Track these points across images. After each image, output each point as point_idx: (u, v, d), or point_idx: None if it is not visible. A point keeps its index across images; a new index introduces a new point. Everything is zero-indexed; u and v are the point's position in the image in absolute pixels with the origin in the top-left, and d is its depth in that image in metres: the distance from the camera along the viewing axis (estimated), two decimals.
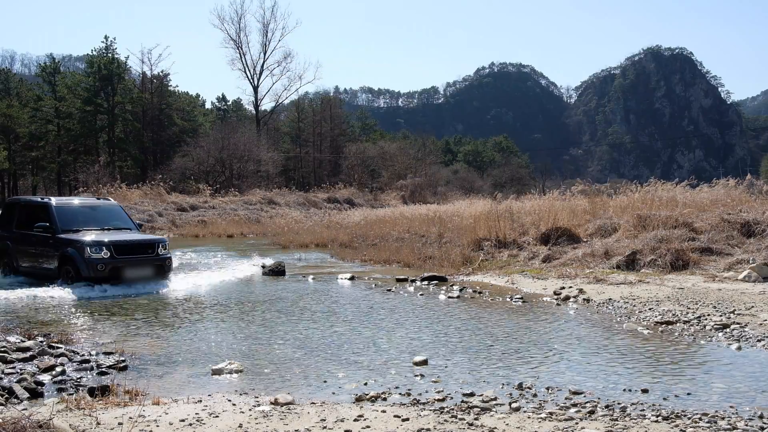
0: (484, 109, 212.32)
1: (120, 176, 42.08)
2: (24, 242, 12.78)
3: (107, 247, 11.50)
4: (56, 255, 11.87)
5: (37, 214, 12.65)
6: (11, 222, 13.33)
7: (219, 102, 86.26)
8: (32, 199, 13.99)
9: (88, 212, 13.11)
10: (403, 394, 5.25)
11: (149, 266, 11.92)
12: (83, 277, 11.34)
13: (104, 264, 11.35)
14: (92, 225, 12.57)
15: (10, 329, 7.53)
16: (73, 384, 5.60)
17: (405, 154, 61.13)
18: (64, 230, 12.05)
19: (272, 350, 7.03)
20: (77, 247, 11.54)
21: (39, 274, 12.35)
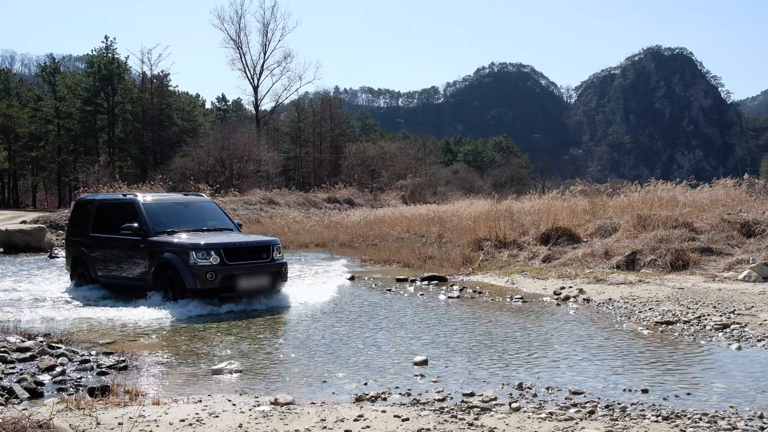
0: (484, 109, 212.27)
1: (120, 176, 42.06)
2: (104, 248, 10.94)
3: (217, 251, 9.39)
4: (150, 262, 9.92)
5: (119, 213, 10.81)
6: (85, 224, 11.44)
7: (219, 102, 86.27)
8: (112, 197, 12.11)
9: (181, 210, 11.21)
10: (403, 394, 5.25)
11: (265, 274, 9.82)
12: (188, 289, 9.29)
13: (214, 272, 9.25)
14: (188, 225, 10.60)
15: (8, 330, 7.53)
16: (73, 384, 5.60)
17: (405, 154, 61.10)
18: (157, 232, 10.04)
19: (273, 350, 7.03)
20: (179, 251, 9.52)
21: (125, 284, 10.47)
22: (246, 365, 6.27)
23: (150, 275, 9.87)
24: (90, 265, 11.14)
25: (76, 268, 11.55)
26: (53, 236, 21.94)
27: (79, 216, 11.96)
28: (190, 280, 9.30)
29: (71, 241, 11.87)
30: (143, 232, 10.12)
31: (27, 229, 20.07)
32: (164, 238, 9.96)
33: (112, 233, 10.66)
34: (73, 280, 11.65)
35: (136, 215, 10.40)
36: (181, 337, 7.71)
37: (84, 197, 12.98)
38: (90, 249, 11.20)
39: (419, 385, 5.53)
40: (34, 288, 11.74)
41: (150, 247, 9.97)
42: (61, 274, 13.35)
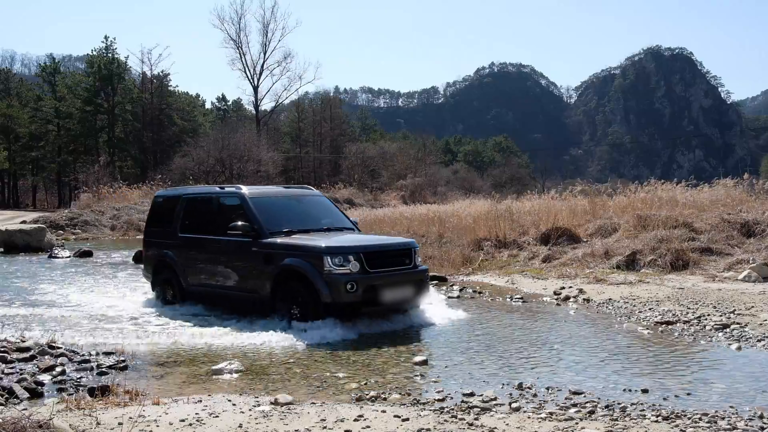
0: (484, 109, 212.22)
1: (120, 176, 42.11)
2: (198, 251, 9.14)
3: (356, 255, 7.62)
4: (266, 270, 8.03)
5: (217, 210, 9.20)
6: (170, 223, 9.65)
7: (219, 102, 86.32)
8: (206, 190, 10.22)
9: (294, 206, 9.41)
10: (403, 394, 5.25)
11: (410, 283, 8.07)
12: (323, 303, 7.52)
13: (354, 283, 7.45)
14: (303, 224, 8.84)
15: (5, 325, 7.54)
16: (73, 384, 5.60)
17: (405, 154, 61.11)
18: (272, 232, 8.24)
19: (273, 349, 7.02)
20: (308, 256, 7.71)
21: (229, 296, 8.72)
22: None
23: (267, 286, 7.99)
24: (179, 272, 9.31)
25: (159, 274, 9.79)
26: (53, 236, 21.95)
27: (161, 213, 10.15)
28: (325, 292, 7.44)
29: (151, 242, 10.10)
30: (255, 232, 8.22)
31: (27, 229, 20.07)
32: (283, 239, 8.13)
33: (210, 233, 8.93)
34: (155, 289, 9.93)
35: (242, 212, 8.53)
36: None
37: (169, 192, 11.35)
38: (178, 253, 9.37)
39: (419, 385, 5.53)
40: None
41: (266, 250, 8.06)
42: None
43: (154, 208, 10.49)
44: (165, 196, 10.61)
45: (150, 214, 10.60)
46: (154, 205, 10.54)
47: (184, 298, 9.31)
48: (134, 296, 10.54)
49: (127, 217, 28.60)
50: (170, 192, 11.17)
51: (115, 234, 26.78)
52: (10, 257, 17.70)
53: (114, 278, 13.18)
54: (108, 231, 27.07)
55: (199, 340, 7.26)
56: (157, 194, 10.92)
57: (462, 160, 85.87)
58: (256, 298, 8.20)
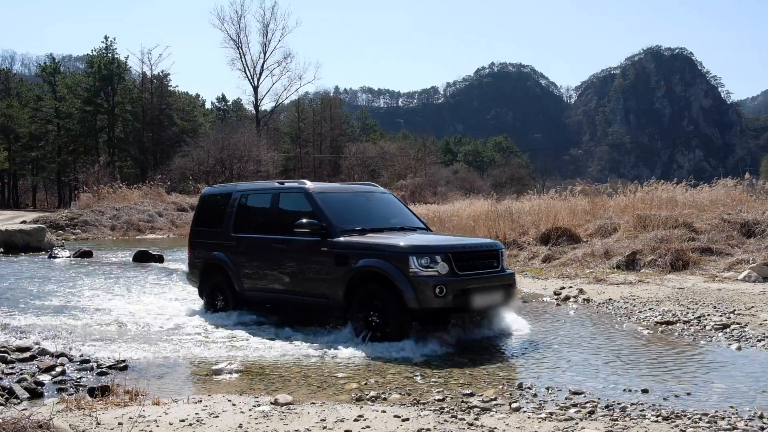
0: (484, 109, 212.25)
1: (120, 176, 42.12)
2: (257, 252, 8.36)
3: (444, 256, 6.87)
4: (340, 272, 7.25)
5: (277, 207, 8.39)
6: (221, 221, 8.91)
7: (219, 102, 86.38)
8: (263, 185, 9.24)
9: (363, 203, 8.70)
10: (403, 394, 5.25)
11: (499, 289, 7.33)
12: (408, 309, 6.74)
13: (443, 286, 6.68)
14: (376, 222, 8.10)
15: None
16: (73, 384, 5.60)
17: (405, 154, 61.17)
18: (343, 231, 7.53)
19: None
20: (389, 257, 6.94)
21: (294, 302, 7.99)
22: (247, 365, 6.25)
23: (339, 290, 7.21)
24: (233, 275, 8.52)
25: (209, 279, 8.95)
26: (53, 236, 21.95)
27: (209, 211, 9.43)
28: (411, 297, 6.66)
29: (198, 244, 9.34)
30: (324, 230, 7.48)
31: (27, 229, 20.08)
32: (357, 238, 7.40)
33: (270, 233, 8.20)
34: (203, 295, 9.13)
35: (307, 209, 7.83)
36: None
37: (215, 188, 10.53)
38: (232, 254, 8.60)
39: (419, 385, 5.53)
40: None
41: (338, 251, 7.33)
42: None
43: (201, 207, 9.75)
44: (214, 193, 9.90)
45: (197, 212, 9.84)
46: (202, 203, 9.77)
47: (237, 304, 8.53)
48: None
49: (127, 217, 28.62)
50: (220, 189, 10.30)
51: (115, 234, 26.78)
52: (11, 257, 17.70)
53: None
54: (108, 231, 27.07)
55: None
56: (204, 191, 10.10)
57: (462, 160, 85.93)
58: (326, 304, 7.46)
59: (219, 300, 8.79)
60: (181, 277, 12.29)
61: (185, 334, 7.71)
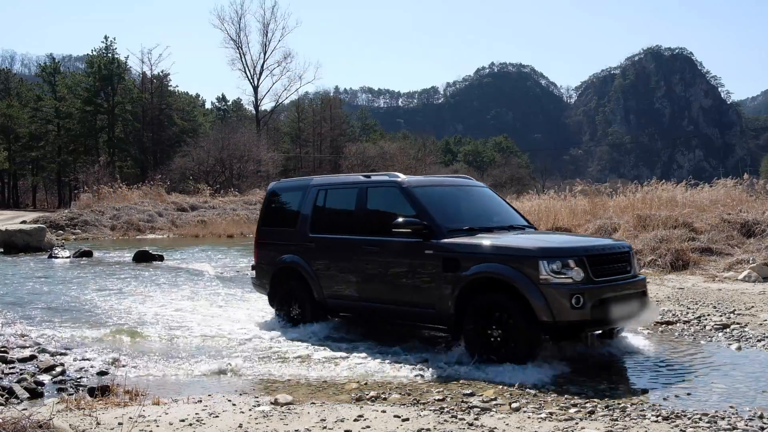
0: (484, 109, 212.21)
1: (120, 176, 42.12)
2: (342, 255, 7.38)
3: (578, 260, 5.88)
4: (449, 278, 6.27)
5: (367, 204, 7.32)
6: (297, 222, 7.93)
7: (219, 102, 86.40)
8: (347, 180, 8.12)
9: (464, 199, 7.64)
10: (403, 394, 5.25)
11: (636, 297, 6.33)
12: (539, 322, 5.75)
13: (581, 295, 5.71)
14: (482, 221, 7.18)
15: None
16: (73, 384, 5.60)
17: (405, 154, 61.23)
18: (451, 231, 6.55)
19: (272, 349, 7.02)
20: (512, 260, 5.95)
21: (390, 312, 7.00)
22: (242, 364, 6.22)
23: (448, 299, 6.25)
24: (311, 280, 7.59)
25: (281, 285, 8.05)
26: (53, 236, 21.95)
27: (281, 208, 8.51)
28: (541, 307, 5.69)
29: (267, 245, 8.38)
30: (428, 230, 6.52)
31: (27, 229, 20.07)
32: (468, 239, 6.43)
33: (358, 233, 7.22)
34: (273, 304, 8.20)
35: (403, 205, 6.87)
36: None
37: (286, 182, 9.34)
38: (310, 257, 7.65)
39: (419, 385, 5.53)
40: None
41: (447, 253, 6.34)
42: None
43: (269, 204, 8.67)
44: (285, 188, 8.77)
45: (264, 210, 8.78)
46: (270, 199, 8.69)
47: (316, 314, 7.63)
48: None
49: (127, 217, 28.62)
50: (291, 183, 9.07)
51: (115, 234, 26.78)
52: (11, 258, 17.70)
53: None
54: (108, 231, 27.07)
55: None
56: (273, 186, 8.89)
57: (462, 160, 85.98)
58: (429, 315, 6.51)
59: (294, 308, 7.85)
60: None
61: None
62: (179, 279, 13.14)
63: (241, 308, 9.52)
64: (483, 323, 6.00)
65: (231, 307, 9.69)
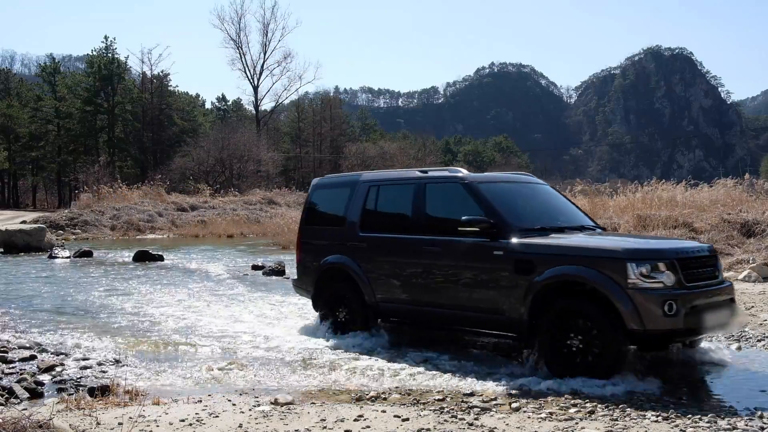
0: (484, 109, 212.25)
1: (120, 176, 42.14)
2: (398, 256, 6.89)
3: (668, 263, 5.41)
4: (521, 282, 5.79)
5: (425, 201, 6.80)
6: (345, 220, 7.45)
7: (219, 102, 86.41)
8: (401, 175, 7.61)
9: (529, 196, 7.19)
10: (403, 394, 5.25)
11: (726, 305, 5.81)
12: (627, 331, 5.25)
13: (674, 302, 5.23)
14: (548, 220, 6.67)
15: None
16: (73, 384, 5.60)
17: (405, 154, 61.28)
18: (522, 230, 6.10)
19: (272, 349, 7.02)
20: (596, 262, 5.45)
21: (452, 318, 6.44)
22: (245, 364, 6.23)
23: (519, 305, 5.77)
24: (362, 283, 7.09)
25: (326, 288, 7.54)
26: (53, 236, 21.96)
27: (326, 205, 8.00)
28: (630, 315, 5.20)
29: (311, 245, 7.88)
30: (497, 229, 6.04)
31: (27, 229, 20.08)
32: (542, 240, 5.99)
33: (417, 232, 6.71)
34: (318, 308, 7.65)
35: (469, 202, 6.38)
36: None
37: (332, 177, 8.82)
38: (361, 258, 7.16)
39: (419, 385, 5.52)
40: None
41: (519, 255, 5.86)
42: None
43: (313, 201, 8.11)
44: (331, 184, 8.24)
45: (307, 208, 8.18)
46: (314, 196, 8.14)
47: (366, 319, 7.13)
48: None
49: (127, 217, 28.64)
50: (339, 179, 8.52)
51: (115, 234, 26.79)
52: (11, 258, 17.70)
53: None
54: (108, 231, 27.08)
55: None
56: (317, 182, 8.35)
57: (462, 160, 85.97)
58: (499, 322, 5.99)
59: (341, 313, 7.33)
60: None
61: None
62: (180, 279, 13.14)
63: (248, 309, 9.55)
64: (561, 331, 5.49)
65: (236, 306, 9.72)
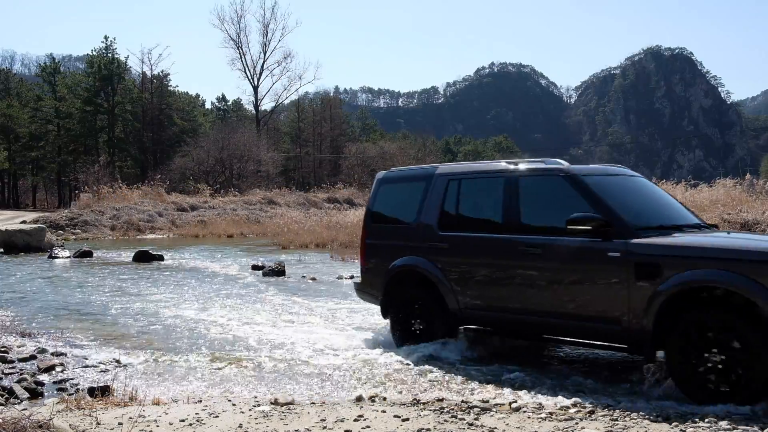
0: (484, 109, 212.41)
1: (120, 176, 42.13)
2: (489, 257, 6.15)
3: None
4: (645, 289, 5.04)
5: (518, 196, 6.05)
6: (420, 216, 6.73)
7: (219, 102, 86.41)
8: (488, 168, 6.66)
9: (635, 191, 6.30)
10: (403, 394, 5.25)
11: None
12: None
13: None
14: (661, 218, 5.92)
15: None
16: (73, 384, 5.60)
17: (405, 154, 61.25)
18: (640, 229, 5.36)
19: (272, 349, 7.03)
20: (742, 266, 4.67)
21: (557, 327, 5.67)
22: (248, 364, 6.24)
23: (644, 316, 5.03)
24: (443, 287, 6.38)
25: (398, 294, 6.84)
26: (53, 236, 21.96)
27: (397, 202, 7.29)
28: None
29: (379, 245, 7.17)
30: (611, 228, 5.33)
31: (27, 229, 20.08)
32: (665, 240, 5.26)
33: (510, 231, 5.99)
34: (387, 314, 6.96)
35: (574, 198, 5.68)
36: None
37: (402, 170, 7.68)
38: (441, 260, 6.46)
39: (419, 385, 5.52)
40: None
41: (640, 257, 5.11)
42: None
43: (381, 197, 7.38)
44: (401, 178, 7.41)
45: (373, 204, 7.42)
46: (381, 191, 7.39)
47: (448, 327, 6.42)
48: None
49: (127, 217, 28.64)
50: (410, 172, 7.51)
51: (115, 234, 26.79)
52: (11, 257, 17.70)
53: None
54: (108, 231, 27.08)
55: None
56: (384, 175, 7.56)
57: (462, 160, 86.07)
58: (614, 333, 5.26)
59: (416, 321, 6.61)
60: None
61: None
62: (180, 279, 13.14)
63: (260, 311, 9.51)
64: (698, 347, 4.72)
65: (246, 309, 9.69)
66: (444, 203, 6.59)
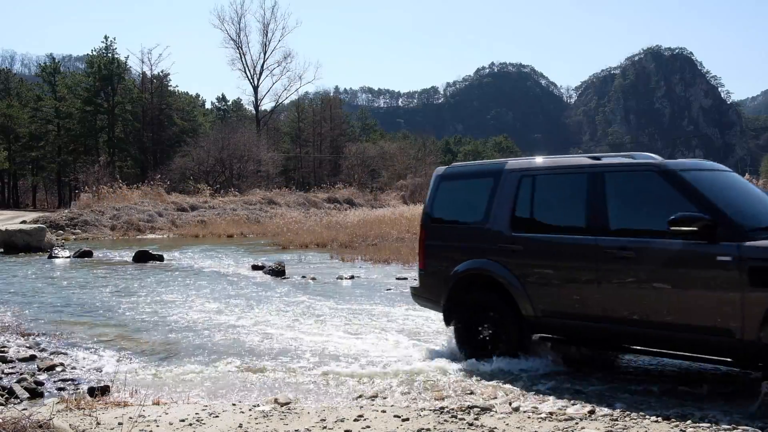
0: (484, 109, 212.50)
1: (120, 176, 42.11)
2: (571, 261, 5.64)
3: None
4: (760, 297, 4.58)
5: (604, 195, 5.53)
6: (489, 215, 6.22)
7: (219, 102, 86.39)
8: (565, 163, 6.13)
9: (734, 188, 5.72)
10: (403, 394, 5.25)
11: None
12: None
13: None
14: (764, 218, 5.25)
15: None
16: (73, 384, 5.60)
17: (405, 154, 61.26)
18: (752, 230, 4.86)
19: (272, 349, 7.03)
20: None
21: (654, 338, 5.21)
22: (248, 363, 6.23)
23: (760, 327, 4.56)
24: (517, 293, 5.89)
25: (465, 298, 6.31)
26: (53, 236, 21.95)
27: (461, 200, 6.78)
28: None
29: (442, 247, 6.64)
30: (719, 229, 4.86)
31: (27, 229, 20.07)
32: None
33: (595, 233, 5.49)
34: (450, 322, 6.46)
35: (672, 196, 5.19)
36: None
37: (466, 166, 7.17)
38: (515, 263, 5.96)
39: (419, 385, 5.53)
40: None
41: (755, 262, 4.62)
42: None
43: (442, 194, 6.81)
44: (466, 173, 6.92)
45: (432, 202, 6.85)
46: (441, 188, 6.83)
47: (522, 336, 5.95)
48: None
49: (127, 217, 28.63)
50: (476, 168, 7.01)
51: (115, 234, 26.78)
52: (11, 257, 17.70)
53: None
54: (108, 231, 27.07)
55: None
56: (443, 172, 6.98)
57: (462, 160, 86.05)
58: (721, 345, 4.81)
59: (484, 333, 6.11)
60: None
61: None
62: (180, 279, 13.14)
63: (271, 313, 9.47)
64: None
65: (246, 309, 9.67)
66: (516, 202, 6.08)
